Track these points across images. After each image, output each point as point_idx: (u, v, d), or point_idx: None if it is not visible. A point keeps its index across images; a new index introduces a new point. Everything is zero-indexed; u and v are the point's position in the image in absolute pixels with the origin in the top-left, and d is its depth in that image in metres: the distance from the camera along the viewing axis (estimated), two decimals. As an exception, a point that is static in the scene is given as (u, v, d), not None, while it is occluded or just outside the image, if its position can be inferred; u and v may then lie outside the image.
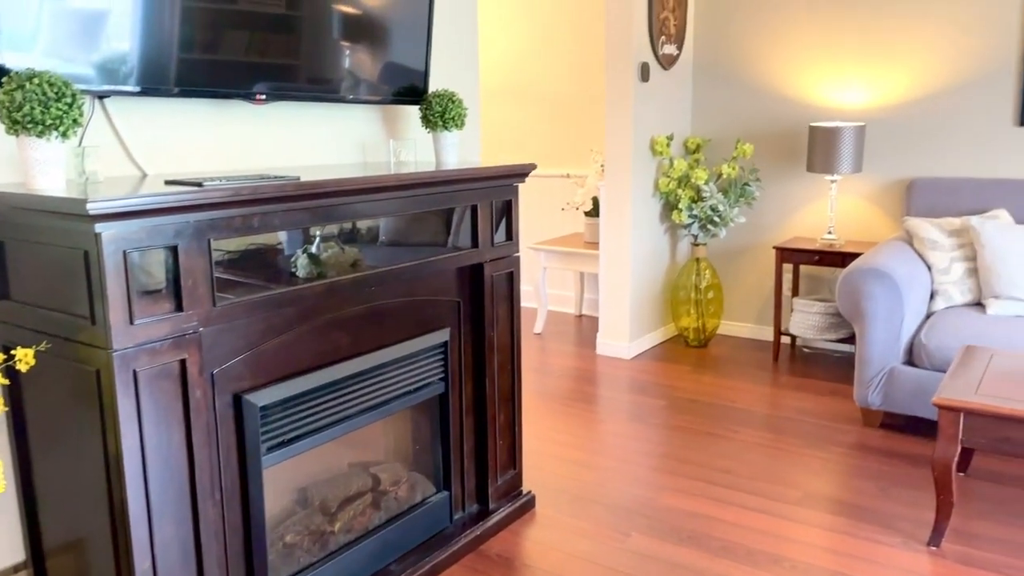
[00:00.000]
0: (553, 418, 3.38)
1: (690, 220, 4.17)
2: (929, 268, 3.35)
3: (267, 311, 1.75)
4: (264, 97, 2.03)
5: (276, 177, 1.77)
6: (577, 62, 4.88)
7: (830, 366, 3.97)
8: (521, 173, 2.35)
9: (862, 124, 3.83)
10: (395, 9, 2.33)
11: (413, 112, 2.60)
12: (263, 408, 1.82)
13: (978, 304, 3.29)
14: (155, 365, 1.54)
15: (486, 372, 2.37)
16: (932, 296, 3.33)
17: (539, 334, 4.65)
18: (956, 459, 2.23)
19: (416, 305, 2.18)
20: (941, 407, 2.22)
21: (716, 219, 4.14)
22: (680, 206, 4.15)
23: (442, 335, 2.24)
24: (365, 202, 1.92)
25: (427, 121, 2.40)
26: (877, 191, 4.01)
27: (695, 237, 4.26)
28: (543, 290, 4.60)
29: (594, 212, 4.51)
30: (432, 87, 2.66)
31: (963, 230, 3.38)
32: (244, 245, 1.70)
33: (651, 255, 4.29)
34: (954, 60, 3.72)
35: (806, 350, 4.24)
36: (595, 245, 4.42)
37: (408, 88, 2.44)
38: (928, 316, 3.27)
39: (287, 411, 1.88)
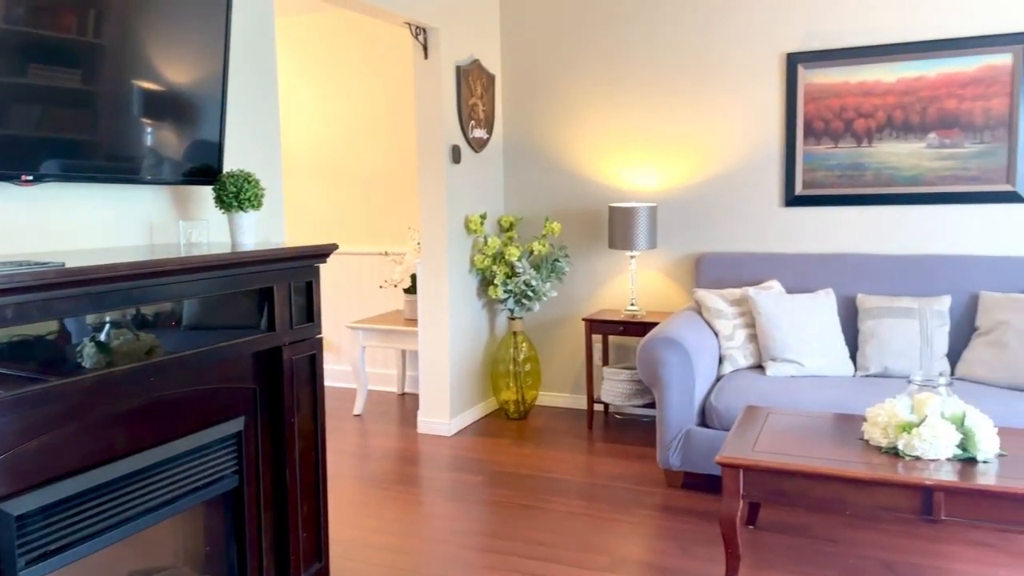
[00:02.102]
0: (369, 503, 3.28)
1: (505, 295, 4.30)
2: (716, 335, 3.65)
3: (24, 410, 1.59)
4: (31, 179, 1.89)
5: (36, 264, 1.64)
6: (395, 142, 4.97)
7: (639, 431, 4.17)
8: (321, 254, 2.33)
9: (654, 205, 4.17)
10: (186, 87, 2.27)
11: (208, 192, 2.52)
12: (20, 517, 1.63)
13: (759, 367, 3.62)
14: None
15: (286, 461, 2.28)
16: (720, 361, 3.62)
17: (359, 415, 4.54)
18: (739, 513, 2.40)
19: (206, 394, 2.06)
20: (723, 465, 2.39)
21: (530, 294, 4.30)
22: (496, 282, 4.27)
23: (235, 425, 2.13)
24: (144, 288, 1.82)
25: (221, 202, 2.33)
26: (672, 265, 4.35)
27: (511, 311, 4.39)
28: (362, 370, 4.52)
29: (413, 289, 4.54)
30: (231, 167, 2.60)
31: (743, 300, 3.73)
32: (11, 336, 1.55)
33: (470, 330, 4.36)
34: (731, 149, 4.17)
35: (618, 416, 4.44)
36: (415, 322, 4.43)
37: (201, 168, 2.37)
38: (718, 379, 3.54)
39: (51, 519, 1.69)
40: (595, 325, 4.20)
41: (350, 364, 4.58)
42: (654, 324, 4.01)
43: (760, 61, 4.06)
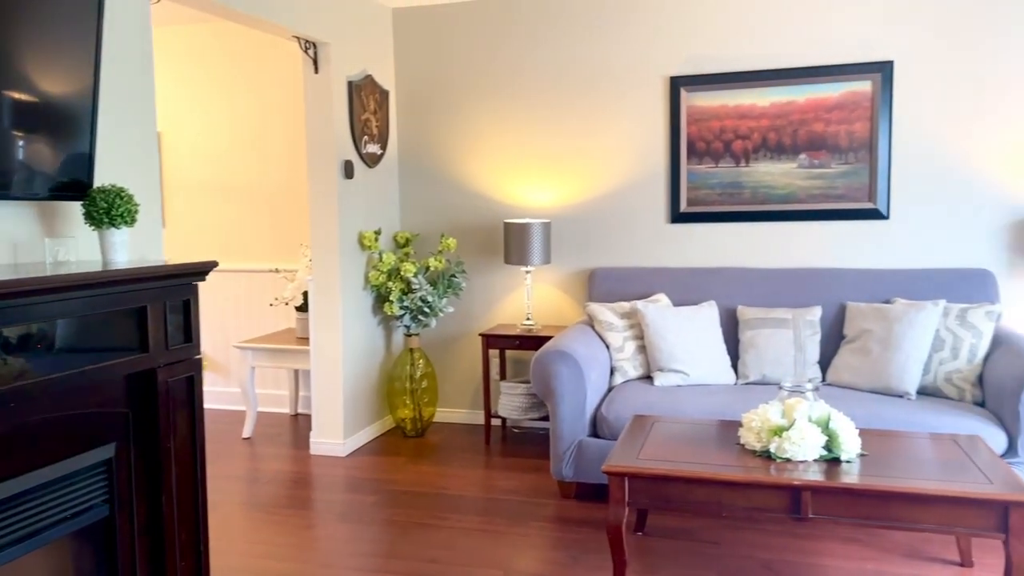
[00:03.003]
0: (257, 529, 3.17)
1: (401, 311, 4.27)
2: (608, 347, 3.75)
3: None
4: None
5: None
6: (286, 156, 4.88)
7: (536, 444, 4.22)
8: (199, 271, 2.26)
9: (548, 221, 4.26)
10: (55, 98, 2.16)
11: (79, 208, 2.40)
12: None
13: (648, 377, 3.74)
14: None
15: (163, 488, 2.18)
16: (612, 372, 3.72)
17: (248, 439, 4.40)
18: (625, 520, 2.47)
19: (74, 419, 1.95)
20: (609, 473, 2.45)
21: (426, 310, 4.29)
22: (391, 298, 4.24)
23: (105, 451, 2.02)
24: (3, 309, 1.71)
25: (91, 218, 2.22)
26: (566, 280, 4.44)
27: (407, 328, 4.37)
28: (251, 391, 4.39)
29: (305, 307, 4.45)
30: (106, 182, 2.48)
31: (632, 312, 3.85)
32: None
33: (364, 348, 4.31)
34: (620, 167, 4.30)
35: (516, 430, 4.48)
36: (308, 340, 4.34)
37: (70, 183, 2.26)
38: (609, 390, 3.63)
39: None
40: (492, 340, 4.23)
41: (239, 385, 4.43)
42: (549, 338, 4.08)
43: (646, 84, 4.22)
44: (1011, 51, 3.70)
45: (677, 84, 4.17)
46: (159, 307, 2.15)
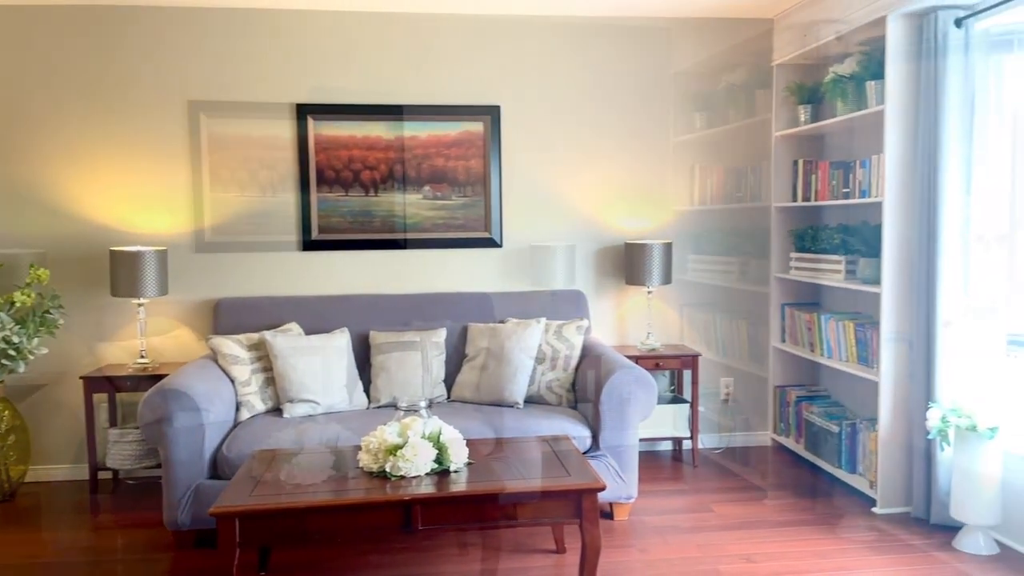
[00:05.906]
0: None
1: (-25, 356, 3.57)
2: (233, 381, 3.54)
3: None
4: None
5: None
6: None
7: (154, 494, 3.80)
8: None
9: (164, 248, 3.91)
10: None
11: None
12: None
13: (278, 410, 3.60)
14: None
15: None
16: (238, 408, 3.51)
17: None
18: (236, 563, 2.32)
19: None
20: (216, 516, 2.29)
21: (11, 352, 3.65)
22: (-40, 341, 3.52)
23: None
24: None
25: None
26: (188, 312, 4.11)
27: (-15, 376, 3.67)
28: None
29: None
30: None
31: (260, 344, 3.69)
32: None
33: (-78, 403, 3.52)
34: (248, 193, 4.11)
35: (130, 482, 4.00)
36: None
37: None
38: (235, 427, 3.42)
39: None
40: (96, 383, 3.74)
41: None
42: (166, 376, 3.72)
43: (275, 109, 4.11)
44: (595, 105, 4.34)
45: (304, 111, 4.15)
46: None
